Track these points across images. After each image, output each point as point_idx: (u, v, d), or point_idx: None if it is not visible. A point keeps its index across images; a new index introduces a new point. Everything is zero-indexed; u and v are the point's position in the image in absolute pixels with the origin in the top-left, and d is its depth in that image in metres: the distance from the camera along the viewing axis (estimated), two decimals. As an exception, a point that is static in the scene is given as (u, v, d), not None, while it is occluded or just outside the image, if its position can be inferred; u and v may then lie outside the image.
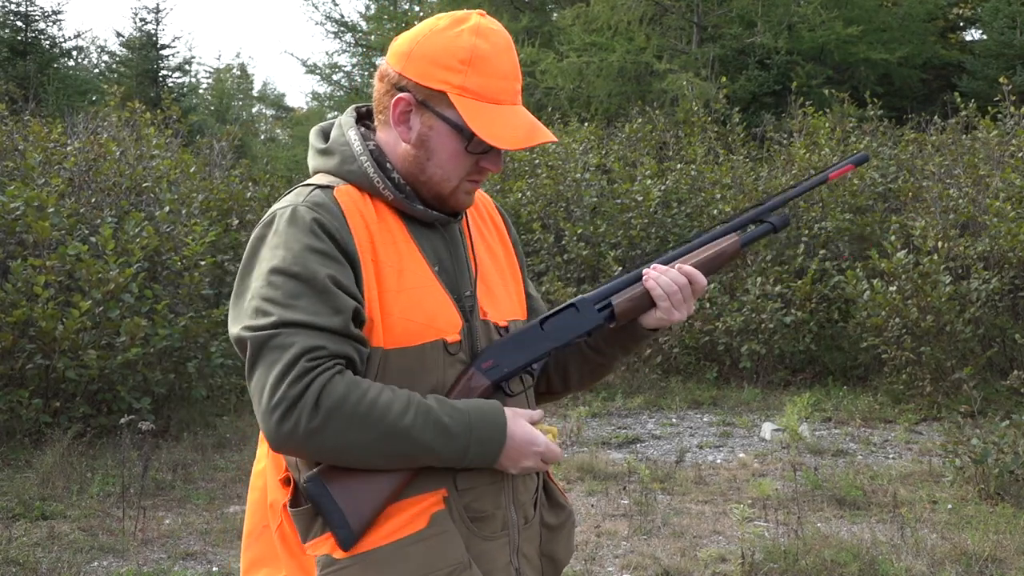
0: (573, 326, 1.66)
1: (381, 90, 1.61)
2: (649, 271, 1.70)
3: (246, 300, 1.52)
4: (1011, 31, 15.93)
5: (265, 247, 1.53)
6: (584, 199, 9.92)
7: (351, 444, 1.45)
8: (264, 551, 1.60)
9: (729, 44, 16.37)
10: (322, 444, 1.45)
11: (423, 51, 1.56)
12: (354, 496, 1.48)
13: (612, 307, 1.69)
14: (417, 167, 1.59)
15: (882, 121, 11.59)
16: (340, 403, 1.44)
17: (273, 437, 1.45)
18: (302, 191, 1.58)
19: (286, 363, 1.43)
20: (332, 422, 1.43)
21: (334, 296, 1.48)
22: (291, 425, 1.42)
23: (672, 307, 1.69)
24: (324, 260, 1.49)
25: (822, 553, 4.44)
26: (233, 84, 33.39)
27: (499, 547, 1.62)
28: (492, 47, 1.56)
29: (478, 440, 1.52)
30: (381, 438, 1.46)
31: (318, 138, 1.68)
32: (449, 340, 1.58)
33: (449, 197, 1.61)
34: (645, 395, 8.11)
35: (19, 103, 12.84)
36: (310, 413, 1.42)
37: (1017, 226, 7.77)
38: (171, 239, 7.36)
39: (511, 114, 1.57)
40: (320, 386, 1.43)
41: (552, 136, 1.58)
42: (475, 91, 1.55)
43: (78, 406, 6.28)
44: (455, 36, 1.55)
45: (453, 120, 1.55)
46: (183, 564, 4.62)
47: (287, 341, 1.45)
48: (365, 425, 1.45)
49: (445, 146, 1.58)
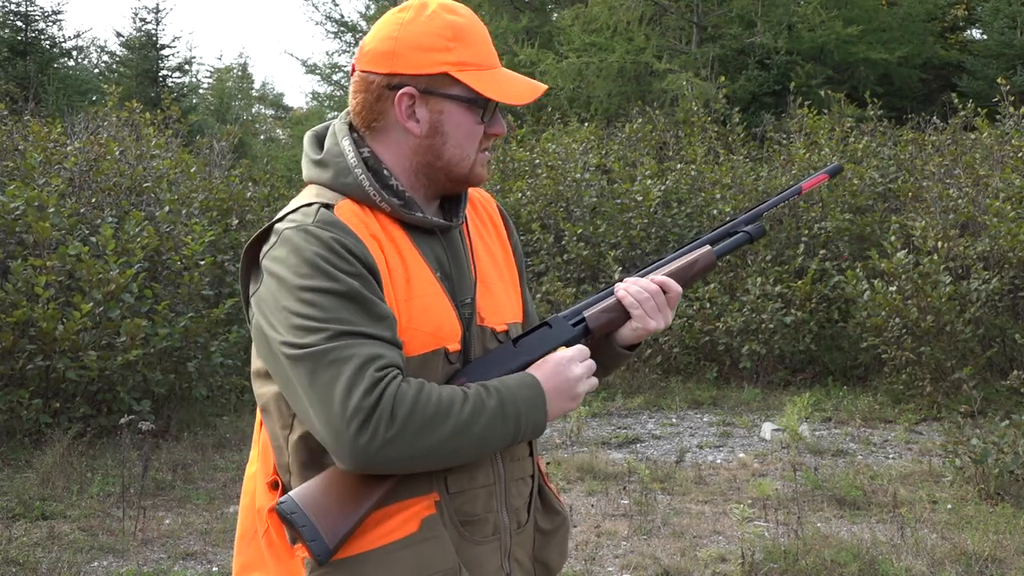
0: (547, 341, 1.66)
1: (369, 99, 1.59)
2: (620, 283, 1.71)
3: (277, 320, 1.47)
4: (1011, 31, 15.93)
5: (285, 268, 1.48)
6: (584, 199, 9.92)
7: (424, 447, 1.44)
8: (254, 556, 1.60)
9: (729, 44, 16.37)
10: (397, 452, 1.42)
11: (407, 43, 1.56)
12: (328, 512, 1.47)
13: (585, 321, 1.69)
14: (433, 155, 1.59)
15: (881, 121, 11.59)
16: (412, 409, 1.42)
17: (350, 450, 1.41)
18: (308, 211, 1.54)
19: (352, 373, 1.41)
20: (408, 428, 1.42)
21: (373, 305, 1.47)
22: (369, 436, 1.40)
23: (646, 315, 1.69)
24: (352, 276, 1.47)
25: (822, 553, 4.44)
26: (234, 84, 33.37)
27: (490, 551, 1.60)
28: (466, 19, 1.59)
29: (526, 406, 1.52)
30: (450, 436, 1.45)
31: (312, 146, 1.66)
32: (450, 349, 1.57)
33: (469, 174, 1.62)
34: (645, 395, 8.12)
35: (19, 103, 12.85)
36: (388, 422, 1.40)
37: (1017, 226, 7.77)
38: (171, 239, 7.36)
39: (506, 74, 1.61)
40: (392, 395, 1.41)
41: (544, 85, 1.62)
42: (472, 62, 1.57)
43: (78, 406, 6.28)
44: (429, 19, 1.57)
45: (463, 96, 1.56)
46: (183, 564, 4.62)
47: (347, 353, 1.42)
48: (435, 425, 1.44)
49: (460, 124, 1.58)
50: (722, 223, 1.85)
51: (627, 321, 1.71)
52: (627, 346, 1.76)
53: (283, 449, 1.56)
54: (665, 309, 1.71)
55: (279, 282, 1.48)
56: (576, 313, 1.70)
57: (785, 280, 8.61)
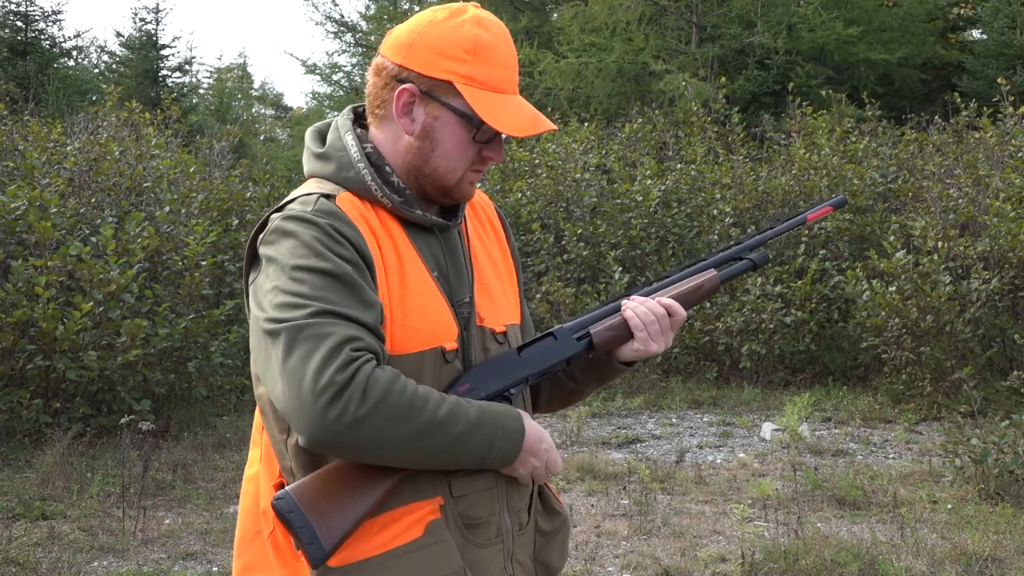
0: (551, 354, 1.66)
1: (379, 84, 1.60)
2: (627, 302, 1.71)
3: (266, 300, 1.47)
4: (1011, 31, 15.92)
5: (280, 251, 1.48)
6: (584, 199, 9.92)
7: (390, 437, 1.41)
8: (256, 557, 1.59)
9: (728, 44, 16.37)
10: (362, 435, 1.39)
11: (425, 42, 1.55)
12: (326, 513, 1.45)
13: (591, 336, 1.69)
14: (421, 159, 1.58)
15: (881, 121, 11.59)
16: (385, 393, 1.40)
17: (317, 424, 1.38)
18: (307, 200, 1.54)
19: (329, 349, 1.39)
20: (378, 412, 1.39)
21: (363, 291, 1.46)
22: (338, 411, 1.37)
23: (649, 338, 1.70)
24: (344, 260, 1.47)
25: (822, 553, 4.44)
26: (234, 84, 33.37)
27: (493, 554, 1.60)
28: (493, 37, 1.57)
29: (503, 432, 1.51)
30: (419, 432, 1.43)
31: (314, 141, 1.66)
32: (447, 348, 1.56)
33: (453, 188, 1.60)
34: (645, 395, 8.12)
35: (19, 103, 12.84)
36: (359, 400, 1.38)
37: (1017, 226, 7.77)
38: (171, 239, 7.36)
39: (514, 102, 1.58)
40: (366, 375, 1.39)
41: (553, 125, 1.59)
42: (481, 80, 1.55)
43: (78, 406, 6.28)
44: (456, 26, 1.55)
45: (460, 109, 1.55)
46: (183, 564, 4.62)
47: (326, 330, 1.40)
48: (406, 417, 1.42)
49: (451, 136, 1.57)
50: (727, 246, 1.87)
51: (629, 340, 1.71)
52: (624, 362, 1.76)
53: (284, 453, 1.55)
54: (668, 332, 1.72)
55: (274, 264, 1.49)
56: (582, 326, 1.70)
57: (785, 280, 8.61)
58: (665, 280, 1.78)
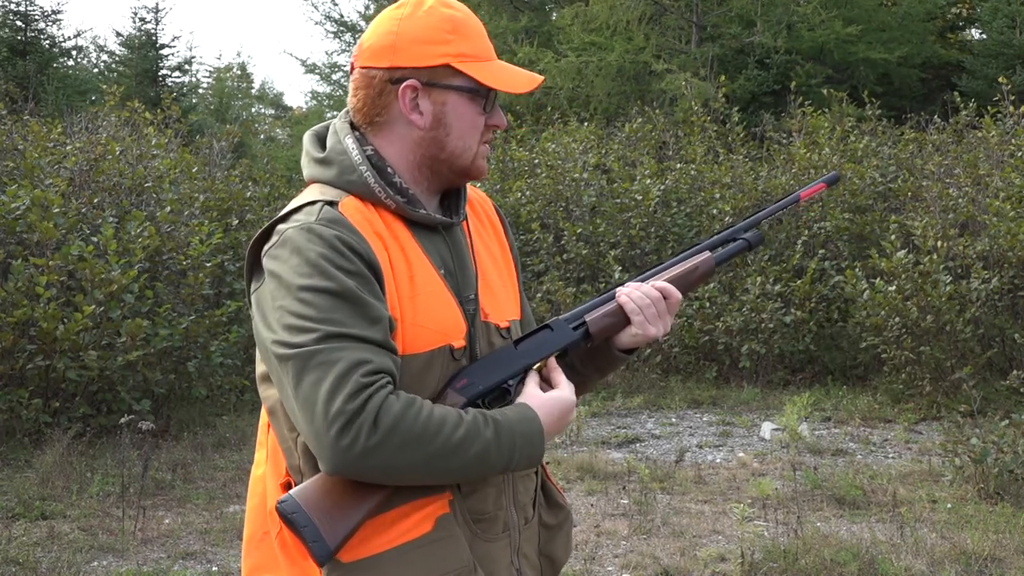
0: (548, 344, 1.66)
1: (371, 95, 1.60)
2: (622, 288, 1.72)
3: (273, 319, 1.48)
4: (1010, 31, 15.92)
5: (286, 268, 1.49)
6: (584, 199, 9.92)
7: (406, 463, 1.43)
8: (265, 558, 1.60)
9: (728, 44, 16.37)
10: (377, 463, 1.41)
11: (407, 37, 1.58)
12: (329, 512, 1.46)
13: (587, 325, 1.69)
14: (437, 147, 1.60)
15: (880, 121, 11.59)
16: (398, 421, 1.41)
17: (330, 453, 1.40)
18: (311, 210, 1.54)
19: (337, 377, 1.40)
20: (390, 440, 1.41)
21: (369, 307, 1.46)
22: (349, 440, 1.39)
23: (646, 321, 1.70)
24: (351, 275, 1.47)
25: (822, 552, 4.45)
26: (233, 84, 33.36)
27: (501, 548, 1.62)
28: (463, 13, 1.62)
29: (522, 441, 1.52)
30: (435, 456, 1.44)
31: (314, 145, 1.66)
32: (455, 346, 1.57)
33: (471, 166, 1.63)
34: (645, 395, 8.12)
35: (19, 103, 12.83)
36: (370, 429, 1.39)
37: (1017, 225, 7.77)
38: (172, 239, 7.36)
39: (502, 66, 1.63)
40: (378, 403, 1.40)
41: (541, 76, 1.65)
42: (471, 53, 1.59)
43: (78, 406, 6.29)
44: (428, 14, 1.59)
45: (465, 86, 1.59)
46: (183, 564, 4.62)
47: (335, 356, 1.41)
48: (420, 443, 1.43)
49: (463, 115, 1.60)
50: (721, 229, 1.85)
51: (627, 326, 1.71)
52: (625, 350, 1.76)
53: (292, 451, 1.56)
54: (665, 316, 1.71)
55: (278, 281, 1.49)
56: (577, 316, 1.71)
57: (784, 280, 8.61)
58: (660, 265, 1.78)
